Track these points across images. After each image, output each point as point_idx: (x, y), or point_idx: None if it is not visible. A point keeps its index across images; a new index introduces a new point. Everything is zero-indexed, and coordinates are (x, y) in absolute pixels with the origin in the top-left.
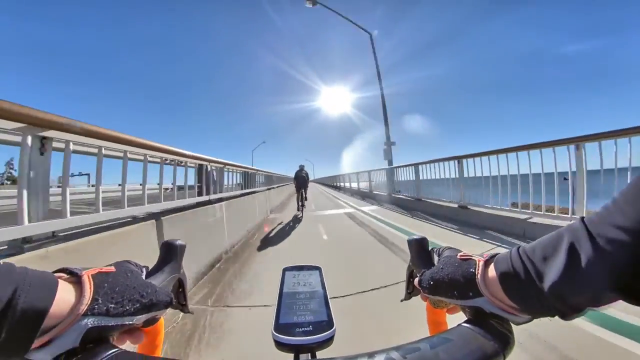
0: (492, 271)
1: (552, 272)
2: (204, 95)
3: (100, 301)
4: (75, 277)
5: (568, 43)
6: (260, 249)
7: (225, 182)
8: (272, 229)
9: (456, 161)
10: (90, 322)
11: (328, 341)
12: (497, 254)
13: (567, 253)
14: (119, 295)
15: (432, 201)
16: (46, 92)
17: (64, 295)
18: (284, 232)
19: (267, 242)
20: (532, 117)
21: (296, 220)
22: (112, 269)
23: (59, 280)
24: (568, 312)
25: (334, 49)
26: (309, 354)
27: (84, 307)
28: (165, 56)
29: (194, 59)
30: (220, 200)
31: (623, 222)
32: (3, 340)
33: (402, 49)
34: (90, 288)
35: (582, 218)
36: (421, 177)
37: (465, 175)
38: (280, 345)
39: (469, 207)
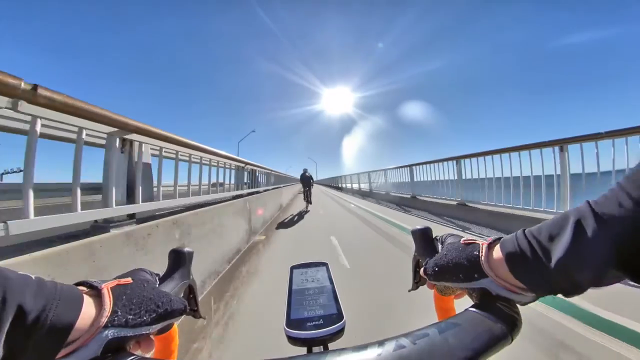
0: (497, 253)
1: (558, 249)
2: (208, 98)
3: (119, 313)
4: (95, 290)
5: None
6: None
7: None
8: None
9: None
10: (110, 333)
11: (339, 333)
12: (500, 237)
13: (573, 230)
14: (136, 306)
15: None
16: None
17: (87, 309)
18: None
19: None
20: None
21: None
22: (129, 280)
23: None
24: (572, 289)
25: (334, 50)
26: (321, 347)
27: (104, 320)
28: (164, 59)
29: (196, 65)
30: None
31: (628, 201)
32: (31, 351)
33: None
34: (109, 301)
35: (588, 200)
36: None
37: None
38: (292, 339)
39: None
